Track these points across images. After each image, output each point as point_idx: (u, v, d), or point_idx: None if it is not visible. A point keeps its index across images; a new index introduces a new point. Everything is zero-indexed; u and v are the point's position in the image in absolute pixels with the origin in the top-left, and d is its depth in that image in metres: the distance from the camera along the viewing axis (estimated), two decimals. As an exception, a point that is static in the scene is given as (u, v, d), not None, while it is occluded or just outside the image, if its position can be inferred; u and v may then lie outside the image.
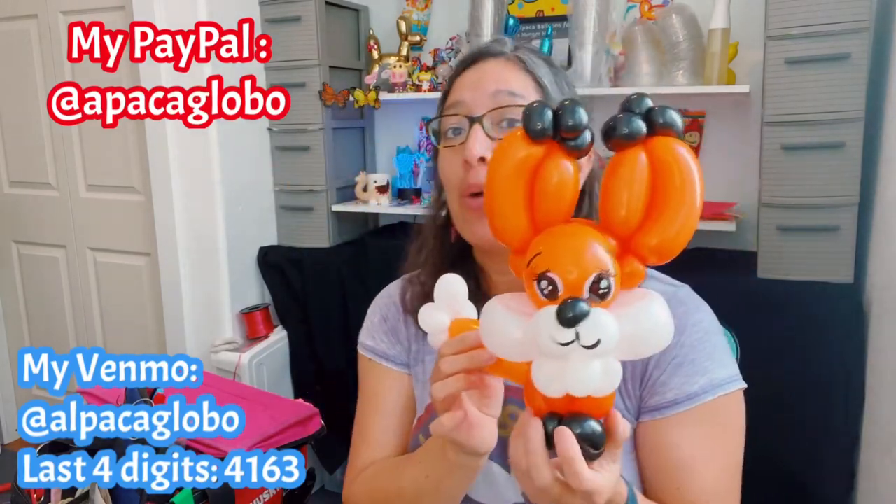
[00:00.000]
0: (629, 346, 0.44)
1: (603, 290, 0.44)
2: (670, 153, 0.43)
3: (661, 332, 0.45)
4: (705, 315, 0.73)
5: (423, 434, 0.78)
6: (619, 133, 0.43)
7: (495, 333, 0.48)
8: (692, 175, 0.44)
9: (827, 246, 1.47)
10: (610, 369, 0.44)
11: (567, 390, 0.44)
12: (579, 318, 0.42)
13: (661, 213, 0.44)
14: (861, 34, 1.38)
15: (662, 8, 1.83)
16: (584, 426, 0.47)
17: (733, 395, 0.70)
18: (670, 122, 0.43)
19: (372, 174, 2.07)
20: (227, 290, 2.00)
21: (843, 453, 1.48)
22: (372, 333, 0.88)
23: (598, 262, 0.44)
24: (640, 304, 0.45)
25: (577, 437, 0.47)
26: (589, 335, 0.42)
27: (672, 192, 0.43)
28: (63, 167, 2.30)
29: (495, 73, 0.74)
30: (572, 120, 0.44)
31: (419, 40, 2.06)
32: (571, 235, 0.45)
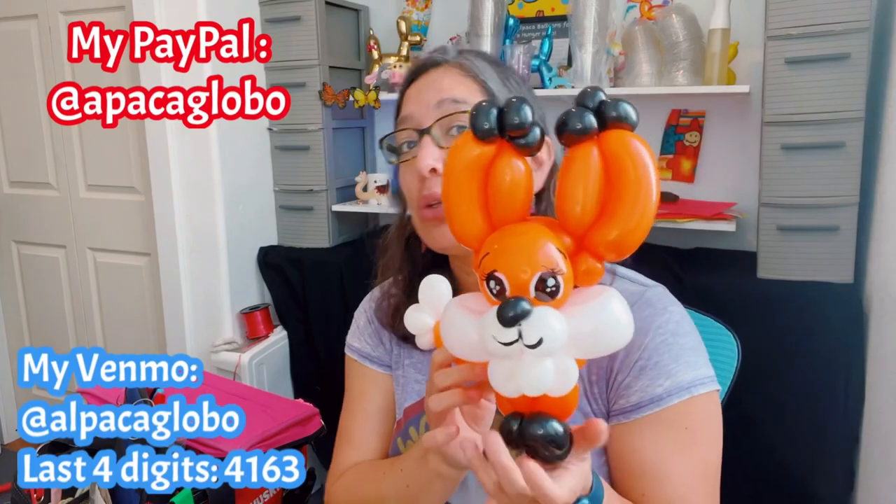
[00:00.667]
0: (584, 344, 0.43)
1: (550, 288, 0.43)
2: (622, 146, 0.42)
3: (618, 330, 0.44)
4: (673, 316, 0.71)
5: (402, 439, 0.79)
6: (571, 128, 0.43)
7: (453, 335, 0.48)
8: (646, 168, 0.42)
9: (827, 246, 1.47)
10: (563, 368, 0.43)
11: (521, 390, 0.44)
12: (519, 316, 0.41)
13: (616, 208, 0.43)
14: (861, 34, 1.38)
15: (662, 8, 1.83)
16: (546, 427, 0.46)
17: (702, 397, 0.68)
18: (623, 115, 0.42)
19: (372, 174, 2.07)
20: (227, 290, 2.00)
21: (843, 453, 1.48)
22: (357, 335, 0.90)
23: (545, 258, 0.43)
24: (596, 301, 0.44)
25: (538, 437, 0.46)
26: (531, 334, 0.41)
27: (625, 186, 0.42)
28: (63, 167, 2.30)
29: (437, 83, 0.74)
30: (517, 118, 0.44)
31: (419, 40, 2.06)
32: (519, 234, 0.45)
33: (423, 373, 0.82)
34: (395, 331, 0.83)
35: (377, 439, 0.84)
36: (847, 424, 1.46)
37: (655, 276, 0.79)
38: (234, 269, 2.01)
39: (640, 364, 0.69)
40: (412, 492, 0.70)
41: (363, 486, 0.79)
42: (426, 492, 0.68)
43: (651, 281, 0.76)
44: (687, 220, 1.64)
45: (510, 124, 0.44)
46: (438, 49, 0.78)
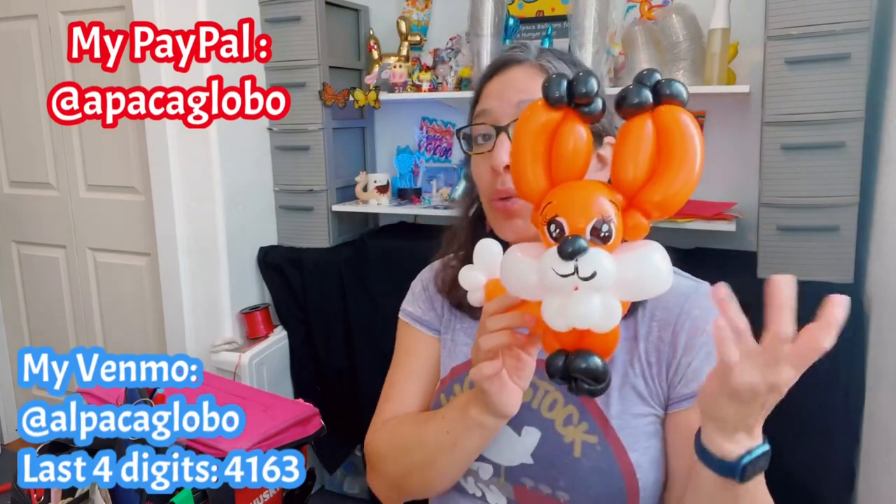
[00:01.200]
0: (629, 287, 0.49)
1: (604, 233, 0.48)
2: (673, 120, 0.48)
3: (659, 278, 0.49)
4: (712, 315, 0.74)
5: (446, 394, 0.83)
6: (629, 102, 0.48)
7: (512, 276, 0.54)
8: (692, 140, 0.48)
9: (827, 246, 1.47)
10: (609, 306, 0.48)
11: (570, 324, 0.49)
12: (577, 252, 0.46)
13: (664, 173, 0.49)
14: (861, 34, 1.38)
15: (662, 8, 1.83)
16: (588, 361, 0.51)
17: None
18: (675, 93, 0.48)
19: (372, 174, 2.07)
20: (227, 290, 2.00)
21: (843, 453, 1.48)
22: (411, 301, 0.94)
23: (600, 209, 0.49)
24: (641, 250, 0.49)
25: (580, 371, 0.51)
26: (586, 268, 0.47)
27: (673, 154, 0.48)
28: (63, 167, 2.30)
29: (519, 82, 0.77)
30: (585, 88, 0.49)
31: (419, 40, 2.06)
32: (579, 188, 0.51)
33: (472, 337, 0.85)
34: (451, 298, 0.87)
35: (418, 396, 0.88)
36: (847, 424, 1.46)
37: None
38: (234, 269, 2.01)
39: (707, 349, 0.72)
40: (451, 438, 0.74)
41: (405, 429, 0.82)
42: (465, 439, 0.73)
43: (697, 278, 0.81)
44: (687, 220, 1.64)
45: (579, 93, 0.49)
46: (519, 46, 0.81)
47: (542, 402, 0.76)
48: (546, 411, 0.75)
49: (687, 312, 0.74)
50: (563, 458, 0.73)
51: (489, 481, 0.78)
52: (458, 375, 0.83)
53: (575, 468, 0.72)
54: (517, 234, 0.77)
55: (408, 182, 2.13)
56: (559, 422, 0.74)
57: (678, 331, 0.73)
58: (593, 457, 0.72)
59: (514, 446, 0.76)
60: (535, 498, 0.75)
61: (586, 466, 0.72)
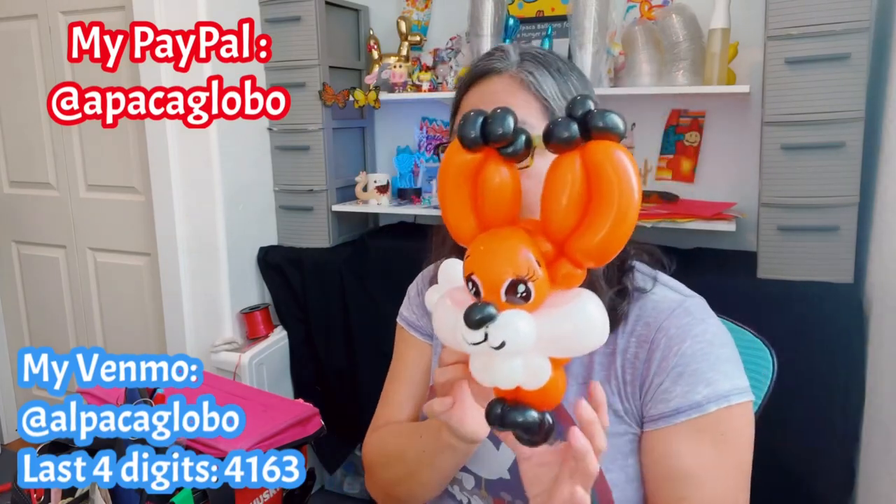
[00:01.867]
0: (560, 344, 0.46)
1: (521, 293, 0.45)
2: (603, 157, 0.43)
3: (592, 332, 0.46)
4: (710, 327, 0.72)
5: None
6: (555, 137, 0.44)
7: (441, 325, 0.51)
8: (625, 178, 0.43)
9: (827, 246, 1.47)
10: (534, 366, 0.46)
11: (494, 384, 0.47)
12: (484, 320, 0.44)
13: (594, 217, 0.44)
14: (861, 34, 1.38)
15: (662, 8, 1.83)
16: (523, 415, 0.49)
17: (739, 407, 0.69)
18: (609, 126, 0.43)
19: (372, 174, 2.07)
20: (227, 290, 2.00)
21: (843, 453, 1.48)
22: (407, 305, 0.94)
23: (517, 266, 0.45)
24: (572, 304, 0.46)
25: (514, 424, 0.49)
26: (495, 337, 0.44)
27: (604, 196, 0.43)
28: (63, 167, 2.30)
29: (499, 96, 0.72)
30: (500, 129, 0.45)
31: (419, 40, 2.06)
32: (499, 239, 0.47)
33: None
34: None
35: (410, 402, 0.90)
36: (847, 424, 1.46)
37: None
38: (234, 269, 2.01)
39: (679, 370, 0.70)
40: (427, 457, 0.75)
41: (391, 441, 0.85)
42: (439, 459, 0.74)
43: (691, 291, 0.77)
44: (687, 220, 1.64)
45: (493, 136, 0.45)
46: (498, 54, 0.75)
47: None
48: None
49: (665, 330, 0.71)
50: None
51: (472, 491, 0.79)
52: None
53: None
54: None
55: (408, 182, 2.13)
56: None
57: (654, 349, 0.71)
58: None
59: (493, 460, 0.76)
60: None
61: None
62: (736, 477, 0.70)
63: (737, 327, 0.96)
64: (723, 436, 0.69)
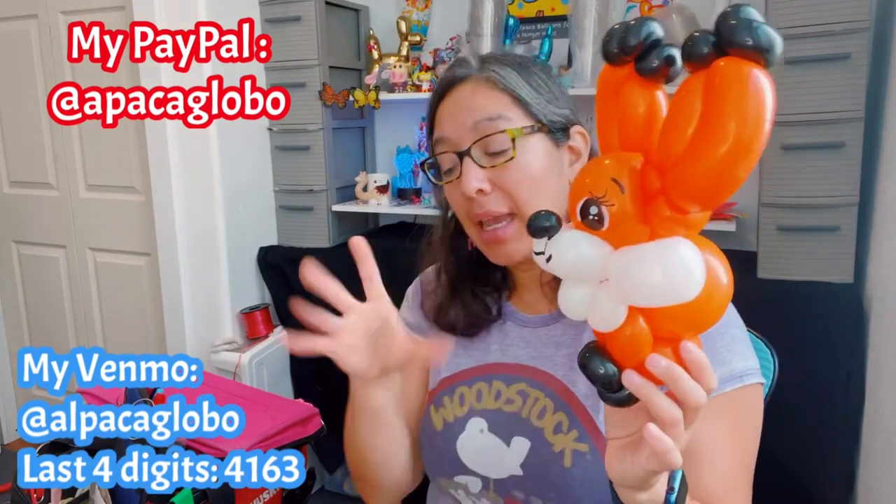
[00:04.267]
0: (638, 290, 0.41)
1: (592, 215, 0.42)
2: (722, 77, 0.36)
3: (677, 278, 0.40)
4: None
5: (435, 406, 0.82)
6: (686, 52, 0.39)
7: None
8: (739, 104, 0.35)
9: (827, 246, 1.47)
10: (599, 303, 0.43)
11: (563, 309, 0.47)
12: (543, 230, 0.44)
13: (690, 151, 0.38)
14: (861, 34, 1.38)
15: (662, 8, 1.83)
16: (600, 364, 0.46)
17: (752, 387, 0.69)
18: (741, 42, 0.35)
19: (372, 174, 2.07)
20: (227, 290, 2.00)
21: (843, 453, 1.48)
22: (407, 308, 0.93)
23: (594, 186, 0.42)
24: (656, 244, 0.41)
25: (587, 370, 0.46)
26: (547, 249, 0.44)
27: (708, 123, 0.36)
28: (63, 167, 2.30)
29: (467, 101, 0.74)
30: (633, 38, 0.41)
31: (419, 40, 2.06)
32: (600, 162, 0.45)
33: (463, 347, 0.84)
34: (437, 323, 0.86)
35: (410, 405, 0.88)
36: (847, 424, 1.46)
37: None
38: (234, 269, 2.01)
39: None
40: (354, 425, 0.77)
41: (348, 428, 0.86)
42: (361, 429, 0.76)
43: None
44: (687, 220, 1.64)
45: (625, 44, 0.42)
46: (458, 62, 0.77)
47: (531, 411, 0.74)
48: (536, 419, 0.74)
49: None
50: (552, 469, 0.71)
51: (479, 494, 0.77)
52: (446, 386, 0.82)
53: (565, 478, 0.70)
54: (509, 258, 0.76)
55: (408, 182, 2.13)
56: (549, 430, 0.73)
57: None
58: (584, 466, 0.70)
59: (503, 458, 0.74)
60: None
61: (577, 476, 0.70)
62: (747, 458, 0.70)
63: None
64: (737, 415, 0.69)
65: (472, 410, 0.77)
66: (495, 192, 0.73)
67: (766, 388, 0.93)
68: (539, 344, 0.78)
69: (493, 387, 0.78)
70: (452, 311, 0.83)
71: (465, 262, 0.84)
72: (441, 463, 0.79)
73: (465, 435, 0.77)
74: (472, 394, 0.79)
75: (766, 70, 0.36)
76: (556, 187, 0.75)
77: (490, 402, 0.77)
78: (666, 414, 0.45)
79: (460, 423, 0.77)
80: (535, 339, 0.79)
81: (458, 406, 0.79)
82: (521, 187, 0.73)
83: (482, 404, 0.77)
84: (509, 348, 0.80)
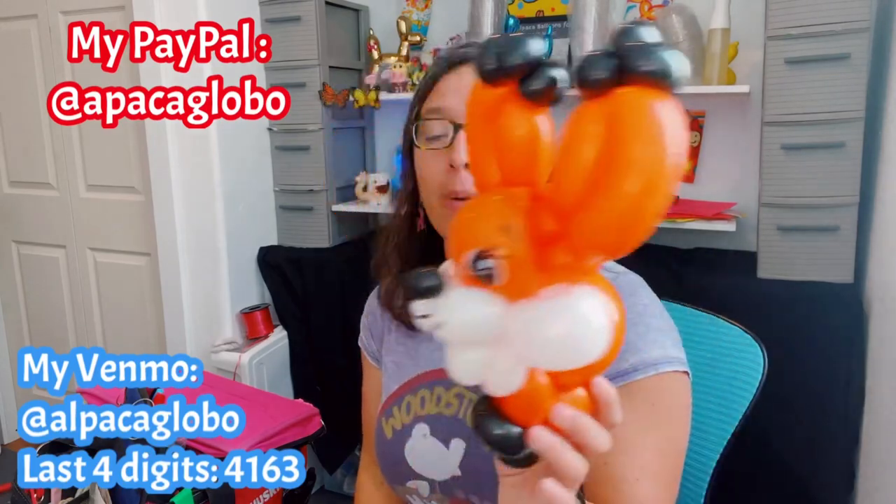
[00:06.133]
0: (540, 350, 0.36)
1: (481, 270, 0.37)
2: (628, 105, 0.32)
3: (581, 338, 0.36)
4: (641, 299, 0.72)
5: (385, 418, 0.83)
6: (582, 76, 0.34)
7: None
8: (652, 135, 0.31)
9: (827, 246, 1.47)
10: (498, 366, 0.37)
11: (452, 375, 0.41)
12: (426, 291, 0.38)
13: (604, 185, 0.32)
14: (861, 34, 1.38)
15: (662, 8, 1.83)
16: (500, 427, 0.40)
17: (668, 375, 0.68)
18: (651, 68, 0.31)
19: (372, 174, 2.07)
20: (227, 290, 2.00)
21: (843, 453, 1.48)
22: (362, 327, 0.97)
23: (483, 237, 0.37)
24: (557, 299, 0.36)
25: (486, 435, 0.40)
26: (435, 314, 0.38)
27: (615, 158, 0.32)
28: (63, 167, 2.30)
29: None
30: (517, 55, 0.36)
31: (419, 40, 2.06)
32: (481, 203, 0.39)
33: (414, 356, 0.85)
34: (391, 310, 0.87)
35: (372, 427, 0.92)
36: (847, 424, 1.46)
37: (655, 275, 0.79)
38: (234, 269, 2.01)
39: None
40: None
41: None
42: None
43: (625, 269, 0.76)
44: (687, 220, 1.64)
45: (507, 63, 0.36)
46: (473, 43, 0.79)
47: (467, 413, 0.75)
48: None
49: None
50: (486, 467, 0.69)
51: (429, 497, 0.79)
52: (396, 398, 0.83)
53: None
54: None
55: (408, 182, 2.13)
56: None
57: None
58: None
59: (444, 460, 0.76)
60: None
61: None
62: (664, 449, 0.68)
63: (726, 323, 0.96)
64: (652, 406, 0.67)
65: (416, 417, 0.80)
66: None
67: (756, 383, 0.92)
68: None
69: (435, 392, 0.80)
70: (398, 299, 0.85)
71: (413, 245, 0.84)
72: (394, 470, 0.81)
73: (411, 441, 0.79)
74: (417, 401, 0.81)
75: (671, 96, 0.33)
76: None
77: (432, 408, 0.79)
78: (573, 470, 0.41)
79: (407, 430, 0.80)
80: None
81: (405, 414, 0.81)
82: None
83: (425, 410, 0.79)
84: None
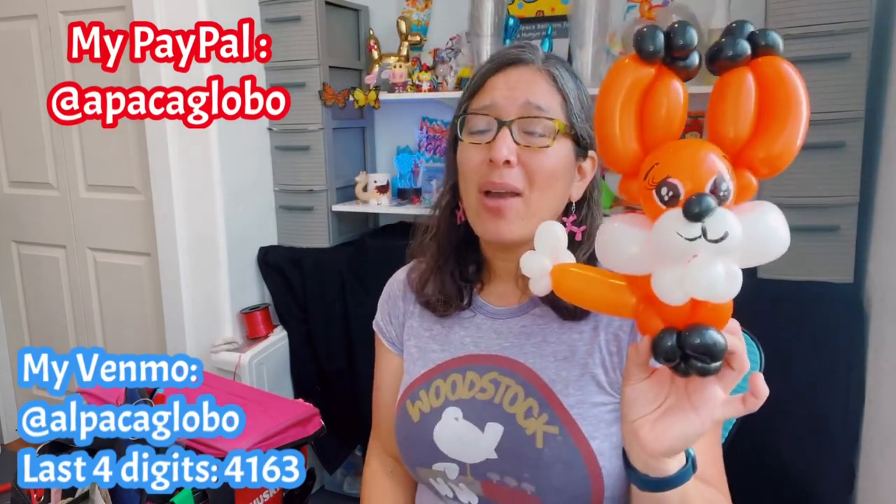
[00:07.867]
0: (750, 252, 0.46)
1: (723, 192, 0.45)
2: (776, 71, 0.46)
3: (778, 240, 0.47)
4: None
5: (412, 400, 0.84)
6: (724, 55, 0.46)
7: (612, 247, 0.50)
8: (798, 90, 0.46)
9: (827, 246, 1.47)
10: (732, 272, 0.45)
11: (690, 294, 0.45)
12: (705, 212, 0.43)
13: (769, 127, 0.46)
14: (861, 34, 1.38)
15: (662, 8, 1.83)
16: (706, 335, 0.47)
17: None
18: (772, 44, 0.46)
19: (372, 174, 2.08)
20: (227, 290, 2.00)
21: (843, 453, 1.48)
22: (380, 310, 0.96)
23: (717, 166, 0.46)
24: (759, 211, 0.47)
25: (697, 347, 0.47)
26: (716, 229, 0.43)
27: (779, 107, 0.46)
28: (63, 167, 2.30)
29: (527, 84, 0.77)
30: (683, 40, 0.47)
31: (419, 40, 2.06)
32: (687, 146, 0.48)
33: (437, 341, 0.86)
34: (420, 296, 0.88)
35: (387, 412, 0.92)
36: (847, 424, 1.46)
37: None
38: (234, 269, 2.01)
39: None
40: None
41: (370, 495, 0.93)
42: None
43: None
44: (687, 220, 1.64)
45: (677, 45, 0.47)
46: (527, 47, 0.81)
47: (503, 398, 0.77)
48: (508, 405, 0.77)
49: None
50: (525, 450, 0.74)
51: (457, 480, 0.80)
52: (423, 381, 0.84)
53: (538, 458, 0.73)
54: (500, 235, 0.77)
55: (408, 182, 2.13)
56: (520, 415, 0.76)
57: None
58: (555, 446, 0.73)
59: (478, 443, 0.77)
60: (503, 491, 0.76)
61: (549, 456, 0.73)
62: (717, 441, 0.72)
63: None
64: None
65: (447, 401, 0.80)
66: (517, 168, 0.75)
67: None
68: (510, 334, 0.82)
69: (467, 377, 0.81)
70: (430, 286, 0.86)
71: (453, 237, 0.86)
72: (419, 453, 0.82)
73: (441, 424, 0.79)
74: (447, 385, 0.82)
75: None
76: (562, 192, 0.78)
77: (464, 392, 0.80)
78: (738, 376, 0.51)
79: (436, 413, 0.80)
80: (507, 330, 0.82)
81: (434, 398, 0.82)
82: (542, 175, 0.76)
83: (457, 394, 0.80)
84: (482, 340, 0.83)
